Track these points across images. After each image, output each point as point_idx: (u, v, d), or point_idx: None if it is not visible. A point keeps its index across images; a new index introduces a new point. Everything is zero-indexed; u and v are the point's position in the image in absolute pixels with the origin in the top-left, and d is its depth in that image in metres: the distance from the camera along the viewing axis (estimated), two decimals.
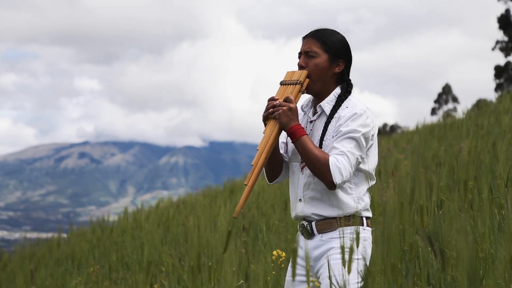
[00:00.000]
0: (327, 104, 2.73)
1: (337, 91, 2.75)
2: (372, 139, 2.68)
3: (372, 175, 2.73)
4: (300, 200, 2.73)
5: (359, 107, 2.67)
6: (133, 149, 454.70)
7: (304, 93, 2.75)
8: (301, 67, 2.75)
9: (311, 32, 2.78)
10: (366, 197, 2.71)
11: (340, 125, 2.65)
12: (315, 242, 2.68)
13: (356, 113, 2.64)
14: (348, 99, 2.73)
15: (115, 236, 9.05)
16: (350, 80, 2.79)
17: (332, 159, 2.56)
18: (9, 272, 8.05)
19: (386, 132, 33.60)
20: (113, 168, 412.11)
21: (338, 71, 2.75)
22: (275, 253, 3.53)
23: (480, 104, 14.31)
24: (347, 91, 2.75)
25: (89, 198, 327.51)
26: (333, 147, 2.61)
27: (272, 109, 2.69)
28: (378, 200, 4.61)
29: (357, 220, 2.66)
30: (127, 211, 10.93)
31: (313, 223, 2.69)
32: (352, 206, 2.65)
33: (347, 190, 2.66)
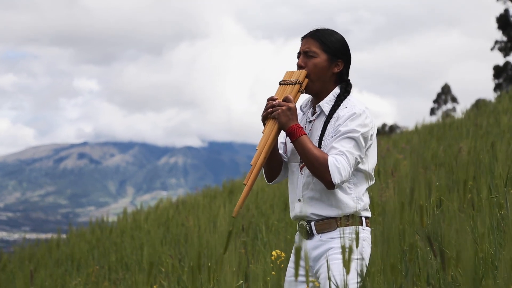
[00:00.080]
0: (326, 104, 2.73)
1: (336, 91, 2.75)
2: (371, 139, 2.68)
3: (371, 175, 2.73)
4: (299, 200, 2.73)
5: (358, 107, 2.66)
6: (132, 149, 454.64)
7: (303, 93, 2.75)
8: (300, 67, 2.75)
9: (310, 32, 2.78)
10: (365, 197, 2.71)
11: (339, 125, 2.64)
12: (314, 242, 2.68)
13: (355, 113, 2.64)
14: (347, 99, 2.72)
15: (115, 236, 9.04)
16: (349, 80, 2.79)
17: (331, 159, 2.56)
18: (9, 273, 8.05)
19: (385, 132, 33.61)
20: (112, 168, 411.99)
21: (337, 71, 2.75)
22: (274, 253, 3.52)
23: (479, 104, 14.31)
24: (346, 91, 2.75)
25: (89, 199, 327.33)
26: (332, 147, 2.61)
27: (271, 109, 2.69)
28: (378, 200, 4.61)
29: (356, 220, 2.65)
30: (127, 212, 10.93)
31: (312, 223, 2.69)
32: (351, 206, 2.65)
33: (346, 190, 2.66)
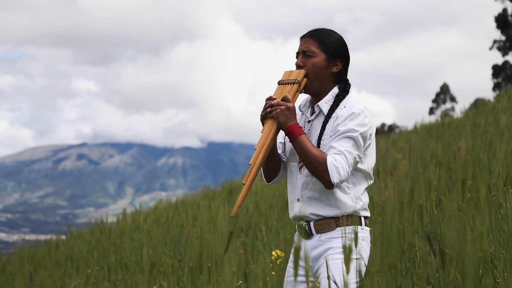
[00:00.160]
0: (325, 103, 2.73)
1: (335, 90, 2.75)
2: (370, 138, 2.68)
3: (370, 174, 2.72)
4: (298, 200, 2.73)
5: (357, 107, 2.66)
6: (131, 150, 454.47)
7: (302, 92, 2.75)
8: (299, 66, 2.75)
9: (309, 32, 2.78)
10: (364, 197, 2.70)
11: (338, 124, 2.64)
12: (314, 242, 2.67)
13: (353, 112, 2.64)
14: (346, 98, 2.72)
15: (114, 237, 9.04)
16: (348, 79, 2.79)
17: (329, 158, 2.56)
18: (8, 274, 8.04)
19: (384, 132, 33.62)
20: (111, 169, 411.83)
21: (335, 70, 2.75)
22: (274, 253, 3.52)
23: (478, 104, 14.31)
24: (345, 90, 2.75)
25: (88, 200, 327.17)
26: (331, 146, 2.61)
27: (270, 109, 2.69)
28: (377, 200, 4.61)
29: (355, 220, 2.65)
30: (126, 213, 10.93)
31: (312, 223, 2.68)
32: (350, 205, 2.64)
33: (345, 190, 2.66)
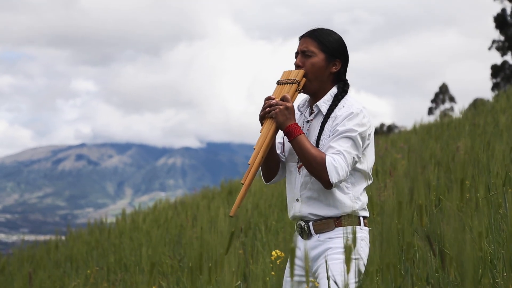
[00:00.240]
0: (324, 103, 2.73)
1: (334, 90, 2.75)
2: (369, 138, 2.68)
3: (369, 174, 2.73)
4: (297, 200, 2.73)
5: (355, 107, 2.66)
6: (130, 150, 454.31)
7: (301, 92, 2.75)
8: (298, 66, 2.75)
9: (308, 31, 2.78)
10: (363, 197, 2.70)
11: (337, 124, 2.64)
12: (313, 242, 2.67)
13: (352, 112, 2.64)
14: (344, 98, 2.72)
15: (113, 237, 9.03)
16: (347, 79, 2.79)
17: (328, 158, 2.56)
18: (7, 275, 8.04)
19: (384, 132, 33.62)
20: (110, 169, 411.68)
21: (334, 70, 2.75)
22: (274, 253, 3.52)
23: (477, 104, 14.31)
24: (343, 90, 2.75)
25: (87, 200, 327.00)
26: (329, 146, 2.61)
27: (268, 108, 2.69)
28: (376, 200, 4.61)
29: (354, 220, 2.65)
30: (125, 213, 10.92)
31: (311, 223, 2.68)
32: (349, 205, 2.64)
33: (344, 190, 2.66)
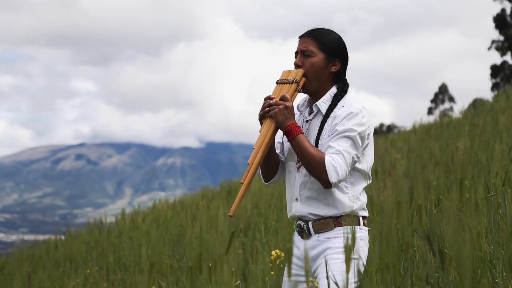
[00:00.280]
0: (323, 103, 2.73)
1: (333, 90, 2.75)
2: (368, 138, 2.68)
3: (368, 174, 2.73)
4: (297, 199, 2.73)
5: (355, 106, 2.66)
6: (130, 150, 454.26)
7: (300, 92, 2.75)
8: (297, 66, 2.75)
9: (307, 31, 2.78)
10: (363, 197, 2.70)
11: (336, 124, 2.64)
12: (312, 242, 2.67)
13: (352, 112, 2.64)
14: (344, 98, 2.73)
15: (113, 237, 9.03)
16: (346, 79, 2.79)
17: (328, 158, 2.56)
18: (7, 275, 8.03)
19: (383, 132, 33.63)
20: (110, 169, 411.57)
21: (334, 70, 2.75)
22: (274, 253, 3.52)
23: (477, 104, 14.31)
24: (343, 90, 2.75)
25: (86, 200, 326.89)
26: (329, 146, 2.61)
27: (268, 108, 2.69)
28: (375, 199, 4.61)
29: (353, 220, 2.65)
30: (125, 213, 10.92)
31: (310, 223, 2.68)
32: (348, 205, 2.64)
33: (343, 189, 2.66)
